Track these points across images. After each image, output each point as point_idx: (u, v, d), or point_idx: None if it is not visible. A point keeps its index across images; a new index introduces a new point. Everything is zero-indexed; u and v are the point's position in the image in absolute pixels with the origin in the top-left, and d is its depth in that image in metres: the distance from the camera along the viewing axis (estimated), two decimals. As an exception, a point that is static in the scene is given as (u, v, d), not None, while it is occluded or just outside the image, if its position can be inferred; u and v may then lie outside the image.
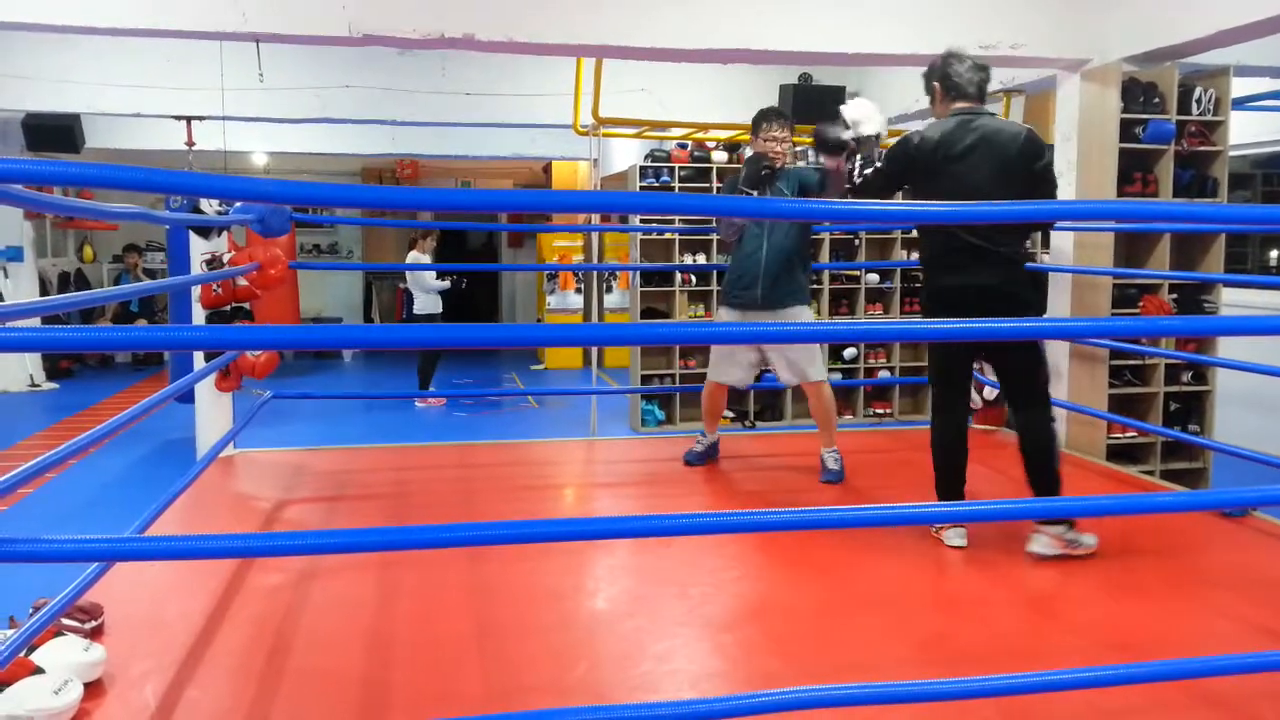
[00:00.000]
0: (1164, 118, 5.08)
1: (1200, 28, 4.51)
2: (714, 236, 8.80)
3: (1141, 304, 5.19)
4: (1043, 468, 3.62)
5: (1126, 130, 5.05)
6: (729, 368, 4.65)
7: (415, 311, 9.91)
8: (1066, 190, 5.34)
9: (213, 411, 4.85)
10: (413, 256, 9.70)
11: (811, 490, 4.41)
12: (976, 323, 3.03)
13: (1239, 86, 5.77)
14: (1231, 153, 5.40)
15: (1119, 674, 2.31)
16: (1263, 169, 9.36)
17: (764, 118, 4.50)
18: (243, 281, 4.44)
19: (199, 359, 4.54)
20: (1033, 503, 3.50)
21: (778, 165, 4.44)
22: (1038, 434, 3.65)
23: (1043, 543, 3.52)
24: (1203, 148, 5.23)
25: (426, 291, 9.78)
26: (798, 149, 4.56)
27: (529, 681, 2.62)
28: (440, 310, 9.86)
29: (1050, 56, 5.13)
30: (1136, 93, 5.08)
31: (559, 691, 2.55)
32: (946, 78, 3.73)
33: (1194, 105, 5.20)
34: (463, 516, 3.96)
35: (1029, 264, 3.81)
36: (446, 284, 9.90)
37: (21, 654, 2.35)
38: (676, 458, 5.14)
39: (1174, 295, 5.29)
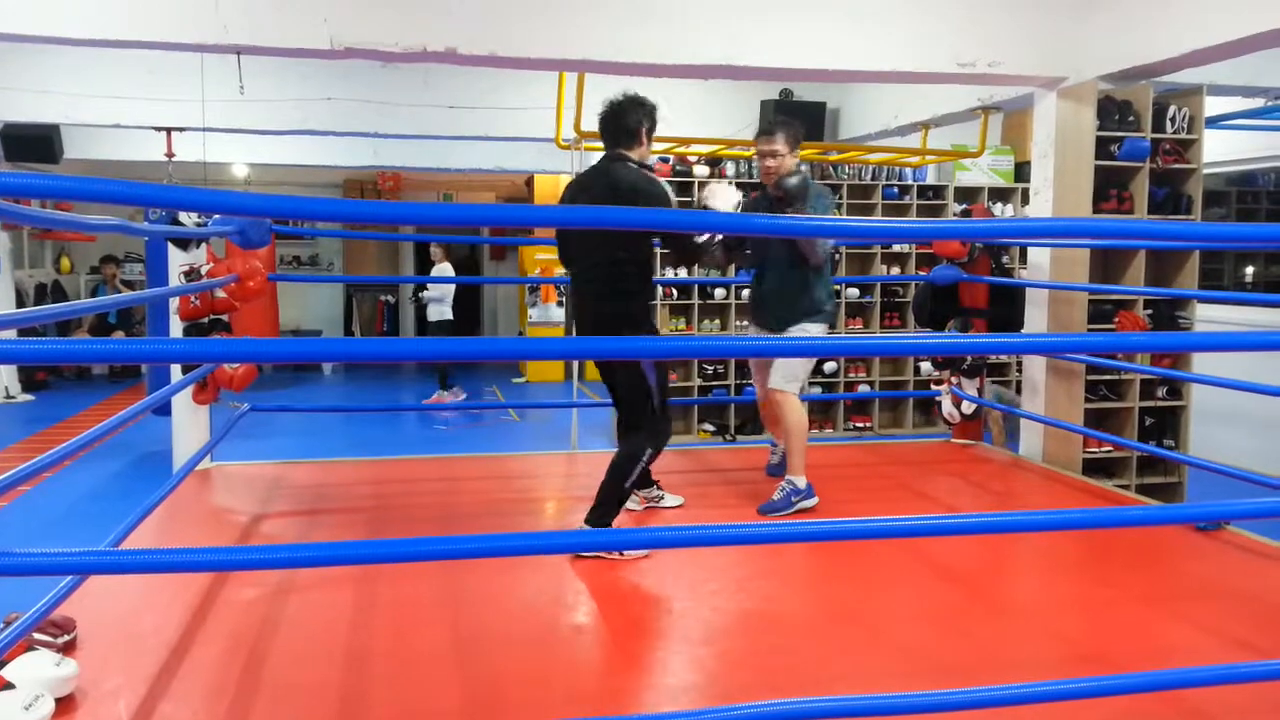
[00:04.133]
0: (1139, 135, 5.14)
1: (1174, 47, 4.58)
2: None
3: (1117, 319, 5.23)
4: (607, 483, 3.76)
5: (1102, 147, 5.10)
6: None
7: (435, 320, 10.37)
8: (1043, 207, 5.40)
9: (190, 424, 4.81)
10: (444, 269, 10.15)
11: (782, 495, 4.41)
12: (974, 337, 3.06)
13: (1212, 105, 5.86)
14: (1205, 170, 5.46)
15: (1096, 686, 2.33)
16: (1237, 186, 9.49)
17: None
18: (221, 294, 4.42)
19: (176, 371, 4.51)
20: (1009, 515, 3.52)
21: (770, 185, 4.32)
22: (617, 455, 3.80)
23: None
24: (1177, 165, 5.29)
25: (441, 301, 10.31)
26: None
27: (507, 695, 2.61)
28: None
29: (1027, 74, 5.19)
30: (1112, 110, 5.13)
31: (537, 705, 2.54)
32: None
33: (1168, 123, 5.26)
34: (442, 530, 3.94)
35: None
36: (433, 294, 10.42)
37: (-8, 669, 2.33)
38: (657, 471, 5.13)
39: (1149, 311, 5.34)
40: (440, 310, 10.30)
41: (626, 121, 3.87)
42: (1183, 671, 2.47)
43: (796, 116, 7.78)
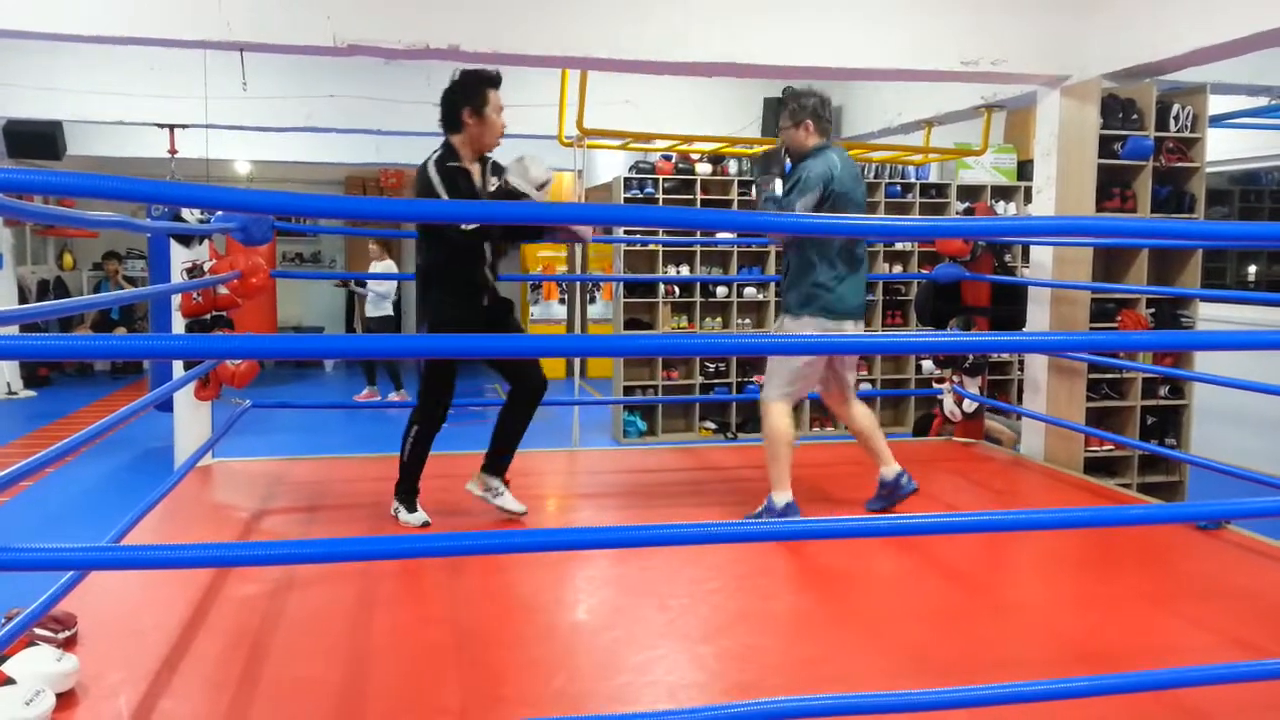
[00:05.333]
0: (1142, 134, 5.13)
1: (1177, 46, 4.57)
2: (696, 248, 8.84)
3: (1119, 318, 5.23)
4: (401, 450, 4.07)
5: (1105, 146, 5.10)
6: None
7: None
8: (1046, 205, 5.39)
9: (191, 420, 4.82)
10: (387, 266, 10.16)
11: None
12: (976, 336, 3.05)
13: (1216, 104, 5.85)
14: (1208, 169, 5.45)
15: (1095, 685, 2.33)
16: (1240, 185, 9.47)
17: None
18: (223, 290, 4.42)
19: (178, 367, 4.51)
20: (1010, 514, 3.52)
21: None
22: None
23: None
24: (1180, 164, 5.28)
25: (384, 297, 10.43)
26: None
27: (507, 692, 2.61)
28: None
29: (1031, 73, 5.18)
30: (1115, 109, 5.13)
31: (536, 702, 2.54)
32: None
33: (1171, 122, 5.25)
34: (442, 527, 3.95)
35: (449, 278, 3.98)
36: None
37: (-7, 664, 2.33)
38: (658, 469, 5.16)
39: (1151, 310, 5.34)
40: (382, 306, 10.39)
41: (447, 108, 3.89)
42: (1182, 670, 2.47)
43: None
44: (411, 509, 4.03)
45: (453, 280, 3.96)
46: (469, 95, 3.85)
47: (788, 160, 4.19)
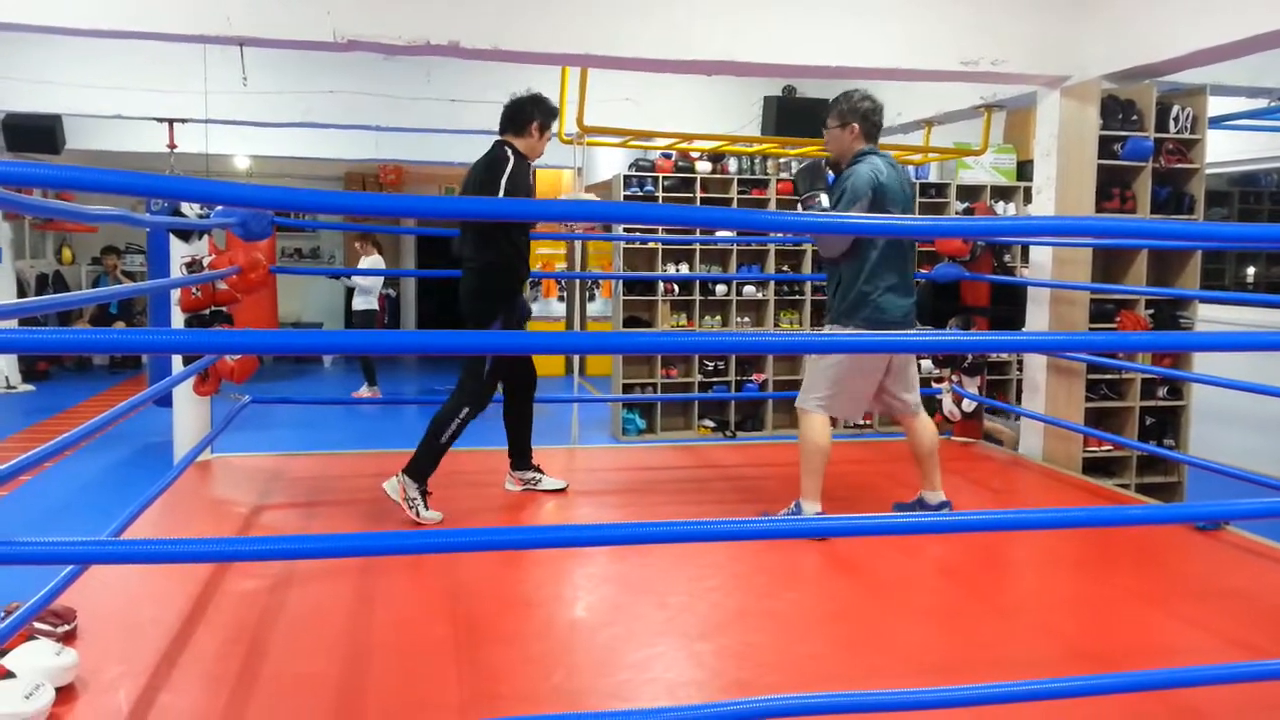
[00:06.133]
0: (1142, 135, 5.14)
1: (1177, 47, 4.57)
2: (696, 246, 8.84)
3: (1118, 319, 5.23)
4: (426, 436, 4.08)
5: (1105, 147, 5.10)
6: None
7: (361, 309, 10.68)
8: (1046, 205, 5.39)
9: (190, 415, 4.81)
10: (374, 261, 10.41)
11: (790, 500, 4.41)
12: (975, 335, 3.05)
13: (1215, 105, 5.85)
14: (1208, 170, 5.45)
15: (1093, 684, 2.33)
16: (1239, 186, 9.48)
17: None
18: (223, 285, 4.42)
19: (177, 362, 4.51)
20: (1008, 514, 3.53)
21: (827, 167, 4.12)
22: (439, 411, 4.13)
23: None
24: (1180, 165, 5.28)
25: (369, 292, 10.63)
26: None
27: (505, 689, 2.61)
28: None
29: (1031, 73, 5.18)
30: (1115, 110, 5.13)
31: (535, 699, 2.55)
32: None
33: (1171, 123, 5.25)
34: (441, 523, 3.95)
35: (497, 275, 4.19)
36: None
37: (-8, 658, 2.33)
38: (657, 466, 5.16)
39: (1150, 311, 5.34)
40: (367, 300, 10.54)
41: (521, 113, 4.22)
42: (1180, 671, 2.47)
43: (799, 113, 7.79)
44: (426, 505, 4.03)
45: (502, 261, 4.16)
46: (545, 113, 4.23)
47: (829, 171, 4.15)
